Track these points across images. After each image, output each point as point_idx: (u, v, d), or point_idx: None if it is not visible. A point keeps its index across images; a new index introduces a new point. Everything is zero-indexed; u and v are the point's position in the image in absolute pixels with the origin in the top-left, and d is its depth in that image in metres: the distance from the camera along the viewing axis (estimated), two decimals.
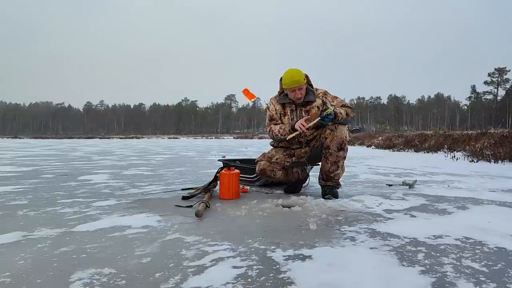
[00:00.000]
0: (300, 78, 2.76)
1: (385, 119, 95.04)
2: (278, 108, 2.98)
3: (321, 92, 2.95)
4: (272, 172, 2.90)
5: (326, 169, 2.80)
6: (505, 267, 1.30)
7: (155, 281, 1.17)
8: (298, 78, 2.75)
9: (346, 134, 2.75)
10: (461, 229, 1.82)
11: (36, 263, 1.33)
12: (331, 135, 2.73)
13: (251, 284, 1.15)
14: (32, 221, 1.98)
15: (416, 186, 3.43)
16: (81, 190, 3.13)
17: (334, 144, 2.72)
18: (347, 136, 2.75)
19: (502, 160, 6.51)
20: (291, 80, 2.76)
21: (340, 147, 2.73)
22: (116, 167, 5.74)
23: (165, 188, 3.30)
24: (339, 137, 2.71)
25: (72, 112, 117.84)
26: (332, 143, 2.72)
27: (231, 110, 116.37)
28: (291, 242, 1.60)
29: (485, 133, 9.47)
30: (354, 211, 2.26)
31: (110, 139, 50.33)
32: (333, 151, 2.73)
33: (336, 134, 2.72)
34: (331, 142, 2.73)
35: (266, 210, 2.28)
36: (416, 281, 1.18)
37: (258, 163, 2.97)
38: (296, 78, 2.75)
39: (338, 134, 2.72)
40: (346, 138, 2.75)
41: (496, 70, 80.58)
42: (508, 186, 3.54)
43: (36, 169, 5.19)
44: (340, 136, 2.72)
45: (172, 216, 2.10)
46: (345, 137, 2.73)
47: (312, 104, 2.88)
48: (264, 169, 2.90)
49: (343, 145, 2.73)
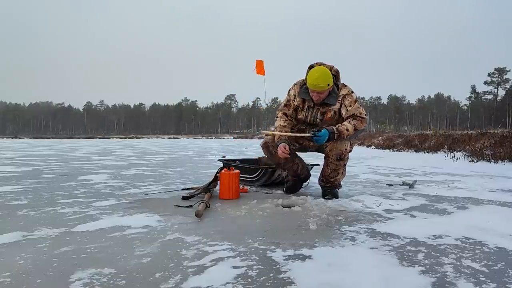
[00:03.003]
0: (323, 84, 2.60)
1: (385, 119, 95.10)
2: (298, 100, 2.84)
3: (342, 94, 2.78)
4: (274, 149, 2.79)
5: (326, 173, 2.81)
6: (505, 267, 1.30)
7: (155, 281, 1.17)
8: (322, 84, 2.60)
9: (347, 146, 2.73)
10: (461, 229, 1.82)
11: (36, 263, 1.33)
12: (331, 145, 2.71)
13: (251, 284, 1.15)
14: (32, 221, 1.98)
15: (416, 186, 3.43)
16: (81, 190, 3.13)
17: (333, 154, 2.73)
18: (347, 148, 2.74)
19: (502, 160, 6.51)
20: (314, 83, 2.61)
21: (340, 158, 2.73)
22: (116, 167, 5.73)
23: (165, 188, 3.30)
24: (338, 149, 2.71)
25: (72, 112, 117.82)
26: (331, 153, 2.73)
27: (231, 110, 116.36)
28: (291, 242, 1.60)
29: (485, 133, 9.48)
30: (354, 211, 2.26)
31: (110, 139, 50.33)
32: (332, 160, 2.75)
33: (336, 146, 2.70)
34: (331, 152, 2.73)
35: (266, 210, 2.28)
36: (416, 281, 1.18)
37: (266, 136, 2.88)
38: (320, 83, 2.60)
39: (338, 146, 2.70)
40: (346, 151, 2.73)
41: (496, 70, 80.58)
42: (508, 186, 3.54)
43: (36, 169, 5.19)
44: (339, 148, 2.70)
45: (172, 216, 2.10)
46: (344, 150, 2.71)
47: (330, 107, 2.77)
48: (267, 143, 2.83)
49: (342, 156, 2.73)
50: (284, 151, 2.63)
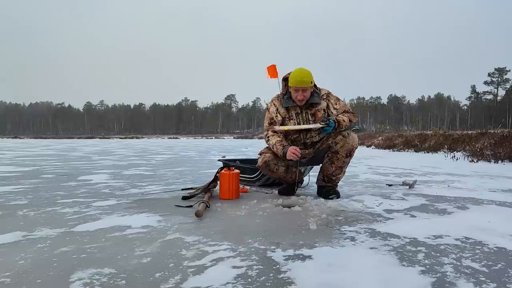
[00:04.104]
0: (308, 80, 2.68)
1: (385, 119, 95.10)
2: (282, 112, 2.84)
3: (324, 93, 2.89)
4: (275, 166, 2.82)
5: (329, 172, 2.80)
6: (505, 267, 1.30)
7: (155, 281, 1.17)
8: (306, 79, 2.68)
9: (357, 142, 2.80)
10: (461, 229, 1.82)
11: (36, 263, 1.33)
12: (342, 141, 2.73)
13: (251, 284, 1.15)
14: (32, 221, 1.98)
15: (416, 186, 3.43)
16: (81, 190, 3.13)
17: (344, 150, 2.75)
18: (357, 144, 2.80)
19: (502, 160, 6.51)
20: (298, 79, 2.67)
21: (349, 154, 2.77)
22: (116, 167, 5.74)
23: (165, 188, 3.30)
24: (350, 145, 2.75)
25: (72, 112, 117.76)
26: (342, 149, 2.75)
27: (231, 110, 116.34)
28: (291, 242, 1.60)
29: (485, 133, 9.47)
30: (354, 211, 2.26)
31: (110, 139, 50.32)
32: (341, 156, 2.76)
33: (348, 141, 2.74)
34: (342, 148, 2.74)
35: (266, 210, 2.28)
36: (416, 281, 1.18)
37: (262, 155, 2.86)
38: (304, 79, 2.67)
39: (350, 141, 2.74)
40: (356, 146, 2.80)
41: (496, 70, 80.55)
42: (508, 186, 3.54)
43: (36, 169, 5.19)
44: (351, 143, 2.75)
45: (172, 216, 2.10)
46: (355, 145, 2.78)
47: (318, 107, 2.81)
48: (268, 162, 2.81)
49: (352, 151, 2.79)
50: (296, 152, 2.57)
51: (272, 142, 2.74)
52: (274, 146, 2.72)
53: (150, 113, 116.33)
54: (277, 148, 2.69)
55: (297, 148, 2.60)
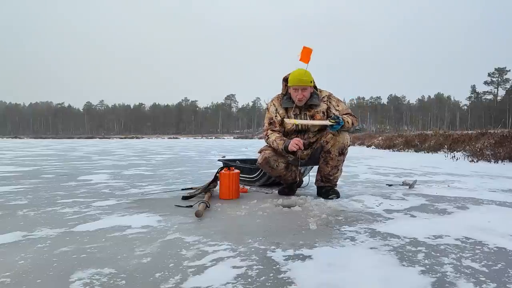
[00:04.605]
0: (307, 79, 2.69)
1: (385, 119, 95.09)
2: (281, 112, 2.84)
3: (325, 95, 2.88)
4: (275, 162, 2.79)
5: (325, 172, 2.79)
6: (505, 267, 1.30)
7: (155, 281, 1.17)
8: (305, 78, 2.68)
9: (348, 139, 2.77)
10: (461, 229, 1.82)
11: (36, 263, 1.33)
12: (333, 139, 2.72)
13: (251, 284, 1.15)
14: (32, 221, 1.98)
15: (416, 186, 3.43)
16: (81, 190, 3.13)
17: (335, 149, 2.73)
18: (348, 141, 2.77)
19: (502, 160, 6.51)
20: (297, 78, 2.68)
21: (341, 152, 2.75)
22: (116, 167, 5.74)
23: (165, 188, 3.30)
24: (341, 143, 2.72)
25: (72, 112, 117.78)
26: (334, 148, 2.73)
27: (231, 110, 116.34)
28: (291, 242, 1.60)
29: (485, 133, 9.47)
30: (354, 211, 2.26)
31: (110, 139, 50.32)
32: (334, 155, 2.74)
33: (338, 140, 2.72)
34: (333, 147, 2.73)
35: (266, 210, 2.28)
36: (416, 281, 1.18)
37: (262, 152, 2.84)
38: (304, 78, 2.68)
39: (340, 139, 2.72)
40: (348, 143, 2.77)
41: (496, 70, 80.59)
42: (508, 186, 3.54)
43: (36, 169, 5.19)
44: (342, 141, 2.72)
45: (172, 216, 2.10)
46: (346, 143, 2.75)
47: (317, 109, 2.81)
48: (268, 158, 2.78)
49: (344, 150, 2.76)
50: (299, 143, 2.55)
51: (272, 138, 2.76)
52: (274, 142, 2.73)
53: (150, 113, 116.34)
54: (278, 143, 2.69)
55: (300, 139, 2.59)
